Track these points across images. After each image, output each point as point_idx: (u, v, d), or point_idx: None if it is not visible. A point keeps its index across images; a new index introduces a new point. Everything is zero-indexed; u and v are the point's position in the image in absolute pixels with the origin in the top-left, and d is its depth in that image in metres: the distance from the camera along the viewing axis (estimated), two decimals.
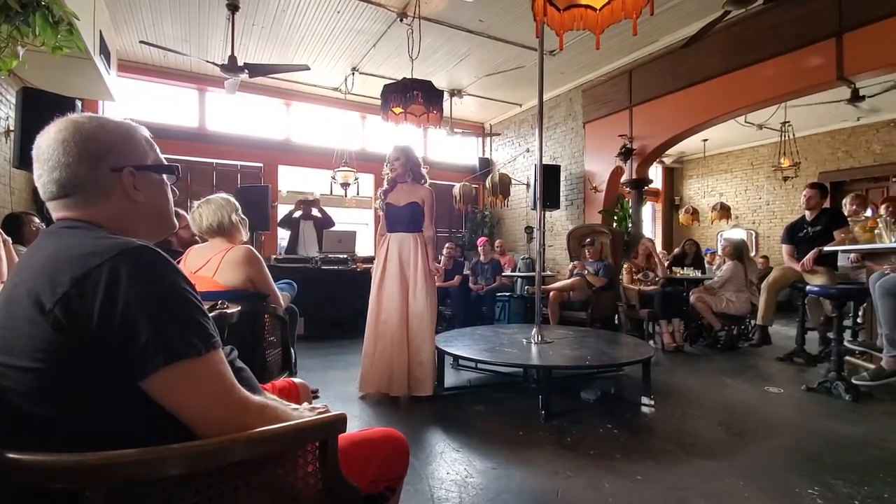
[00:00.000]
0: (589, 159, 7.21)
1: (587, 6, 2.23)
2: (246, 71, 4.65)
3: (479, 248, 6.61)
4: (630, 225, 6.51)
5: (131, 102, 6.90)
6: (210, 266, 2.06)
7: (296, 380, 1.31)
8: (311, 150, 8.23)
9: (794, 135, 8.18)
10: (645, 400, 2.96)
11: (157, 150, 0.89)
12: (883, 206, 4.97)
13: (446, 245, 6.39)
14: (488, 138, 9.70)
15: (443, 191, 9.02)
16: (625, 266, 5.52)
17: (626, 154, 6.31)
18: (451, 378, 3.55)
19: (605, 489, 1.89)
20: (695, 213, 10.31)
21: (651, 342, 4.71)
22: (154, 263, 0.70)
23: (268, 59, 6.33)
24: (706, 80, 5.48)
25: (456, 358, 3.58)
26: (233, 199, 2.23)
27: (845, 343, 3.28)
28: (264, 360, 2.07)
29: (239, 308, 1.55)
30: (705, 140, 9.16)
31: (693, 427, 2.60)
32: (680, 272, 5.67)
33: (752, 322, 5.02)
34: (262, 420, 0.73)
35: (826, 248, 3.91)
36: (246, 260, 2.05)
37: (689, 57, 5.30)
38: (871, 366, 3.17)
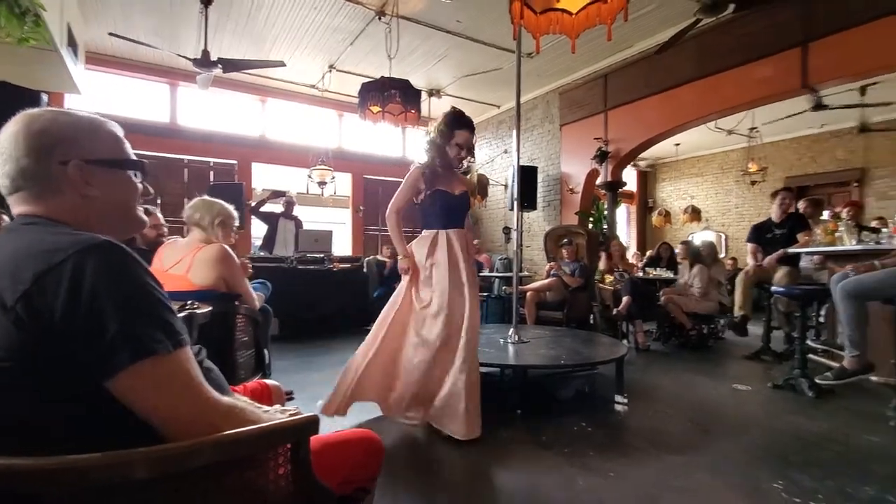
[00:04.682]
0: (565, 161, 7.31)
1: (563, 10, 2.25)
2: (219, 66, 4.55)
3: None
4: (605, 226, 6.62)
5: (99, 96, 6.67)
6: (183, 264, 2.02)
7: (268, 381, 1.28)
8: (287, 147, 8.12)
9: (761, 140, 8.46)
10: (618, 398, 3.01)
11: (126, 146, 0.86)
12: (845, 210, 5.18)
13: None
14: None
15: None
16: (601, 267, 5.62)
17: (601, 157, 6.42)
18: None
19: (578, 486, 1.91)
20: (667, 216, 10.57)
21: (625, 341, 4.79)
22: (119, 259, 0.68)
23: (242, 54, 6.22)
24: (679, 85, 5.63)
25: None
26: (236, 218, 2.31)
27: (808, 342, 3.40)
28: (236, 361, 2.03)
29: (209, 308, 1.51)
30: (677, 144, 9.39)
31: (664, 424, 2.66)
32: (653, 273, 5.81)
33: (721, 321, 5.17)
34: (231, 422, 0.72)
35: (790, 250, 4.07)
36: (219, 258, 2.01)
37: (662, 63, 5.42)
38: (834, 363, 3.30)
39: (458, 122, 2.52)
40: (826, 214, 5.41)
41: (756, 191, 9.12)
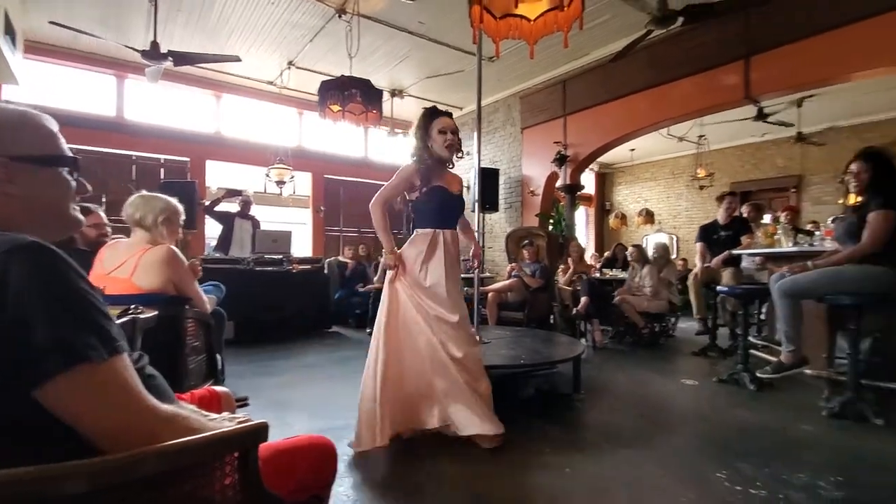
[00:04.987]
0: (526, 164, 7.44)
1: (522, 16, 2.30)
2: (170, 58, 4.36)
3: None
4: (564, 228, 6.79)
5: (40, 87, 6.28)
6: (126, 267, 1.91)
7: (218, 388, 1.24)
8: (244, 145, 7.88)
9: (709, 147, 8.89)
10: (576, 395, 3.09)
11: (60, 142, 0.81)
12: (783, 214, 5.54)
13: None
14: None
15: None
16: (560, 268, 5.76)
17: (560, 160, 6.58)
18: None
19: (535, 483, 1.95)
20: (623, 218, 10.94)
21: (583, 340, 4.93)
22: (48, 261, 0.64)
23: (195, 47, 5.99)
24: (633, 93, 5.85)
25: None
26: (181, 213, 2.16)
27: (750, 338, 3.60)
28: (186, 368, 1.95)
29: (155, 312, 1.44)
30: (633, 149, 9.74)
31: (618, 419, 2.75)
32: (609, 273, 6.01)
33: (672, 320, 5.40)
34: (173, 431, 0.69)
35: (735, 252, 4.31)
36: (166, 260, 1.92)
37: (618, 71, 5.62)
38: (773, 358, 3.51)
39: (433, 113, 2.46)
40: (767, 218, 5.76)
41: (704, 195, 9.58)
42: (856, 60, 4.22)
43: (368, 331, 5.70)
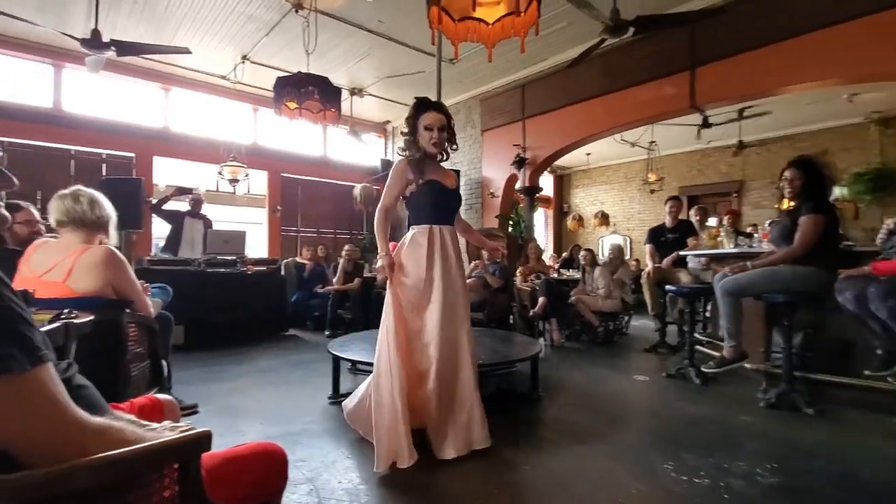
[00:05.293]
0: (487, 166, 7.52)
1: (480, 20, 2.32)
2: (112, 48, 4.11)
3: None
4: (524, 229, 6.91)
5: None
6: (60, 270, 1.78)
7: (161, 396, 1.18)
8: (195, 141, 7.55)
9: (659, 153, 9.28)
10: (534, 394, 3.15)
11: None
12: (725, 217, 5.86)
13: (346, 247, 6.25)
14: (391, 139, 9.68)
15: (343, 191, 8.81)
16: (519, 269, 5.85)
17: (519, 163, 6.69)
18: (347, 384, 3.45)
19: (494, 482, 1.97)
20: (580, 220, 11.25)
21: (541, 339, 5.03)
22: None
23: (140, 37, 5.69)
24: (589, 98, 6.03)
25: (353, 363, 3.50)
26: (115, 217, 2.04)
27: (696, 335, 3.78)
28: (128, 375, 1.84)
29: (91, 317, 1.35)
30: (589, 154, 10.03)
31: (574, 416, 2.82)
32: (566, 274, 6.16)
33: (626, 318, 5.60)
34: (105, 443, 0.65)
35: (682, 252, 4.52)
36: (105, 262, 1.80)
37: (574, 77, 5.77)
38: (717, 353, 3.70)
39: (421, 105, 2.35)
40: (713, 221, 6.08)
41: (655, 199, 9.98)
42: (792, 74, 4.52)
43: (327, 333, 5.66)
